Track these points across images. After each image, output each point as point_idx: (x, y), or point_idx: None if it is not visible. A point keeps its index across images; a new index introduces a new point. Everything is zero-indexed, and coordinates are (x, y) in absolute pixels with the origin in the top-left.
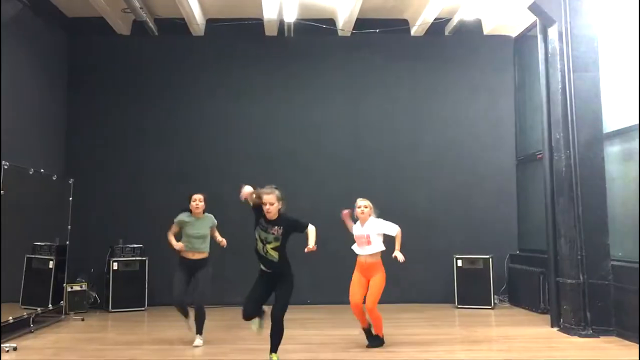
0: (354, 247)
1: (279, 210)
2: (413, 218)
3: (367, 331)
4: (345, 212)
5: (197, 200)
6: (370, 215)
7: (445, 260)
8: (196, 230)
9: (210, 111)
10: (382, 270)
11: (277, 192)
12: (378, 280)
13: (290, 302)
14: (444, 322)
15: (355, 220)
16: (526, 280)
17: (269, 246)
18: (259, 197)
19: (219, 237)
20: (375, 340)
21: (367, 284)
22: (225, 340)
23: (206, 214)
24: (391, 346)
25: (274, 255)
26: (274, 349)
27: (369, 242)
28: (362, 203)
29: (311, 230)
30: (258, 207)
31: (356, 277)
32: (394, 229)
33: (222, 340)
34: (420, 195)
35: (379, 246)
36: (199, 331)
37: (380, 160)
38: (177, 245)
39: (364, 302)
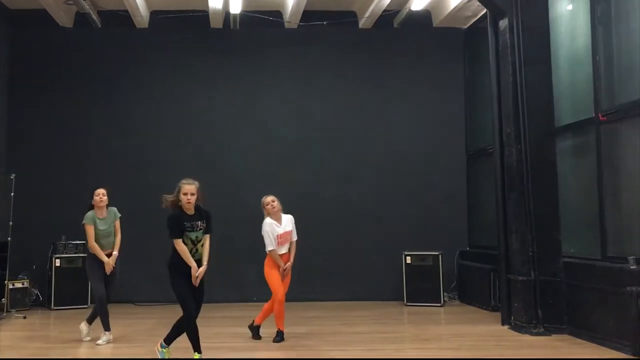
0: (277, 248)
1: (195, 202)
2: (361, 214)
3: (257, 328)
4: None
5: (101, 194)
6: (280, 210)
7: (394, 257)
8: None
9: (154, 104)
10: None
11: (196, 183)
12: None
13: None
14: (393, 320)
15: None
16: (476, 277)
17: (199, 244)
18: (178, 191)
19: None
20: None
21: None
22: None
23: (110, 208)
24: (339, 344)
25: (200, 251)
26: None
27: (288, 240)
28: (270, 198)
29: (207, 239)
30: (176, 215)
31: (278, 275)
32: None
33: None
34: (367, 191)
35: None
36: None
37: (326, 154)
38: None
39: None
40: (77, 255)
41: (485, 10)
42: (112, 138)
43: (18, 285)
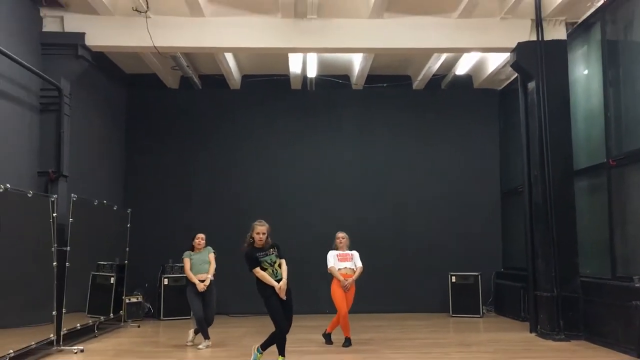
0: (337, 263)
1: (267, 239)
2: (415, 242)
3: (329, 335)
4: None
5: (200, 238)
6: (347, 246)
7: (442, 277)
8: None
9: (244, 153)
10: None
11: (267, 225)
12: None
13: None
14: (441, 329)
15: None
16: (509, 293)
17: (276, 265)
18: (252, 230)
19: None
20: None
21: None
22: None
23: (206, 247)
24: (397, 349)
25: (279, 271)
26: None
27: (347, 259)
28: (342, 235)
29: (283, 262)
30: (248, 250)
31: (342, 292)
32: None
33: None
34: (421, 224)
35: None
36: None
37: (386, 192)
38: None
39: None
40: (181, 275)
41: (516, 75)
42: (209, 181)
43: (133, 299)
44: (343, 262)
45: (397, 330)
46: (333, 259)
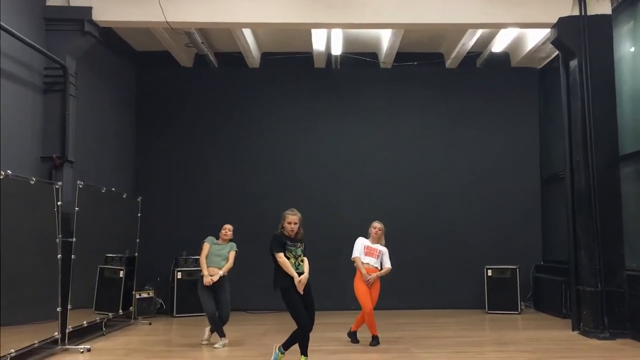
0: (362, 257)
1: (298, 229)
2: (449, 233)
3: (354, 333)
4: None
5: (227, 229)
6: (380, 238)
7: (476, 270)
8: (218, 251)
9: (264, 137)
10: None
11: (299, 214)
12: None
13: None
14: (475, 326)
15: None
16: (549, 288)
17: (299, 259)
18: (283, 219)
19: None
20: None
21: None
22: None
23: (231, 242)
24: (428, 348)
25: (302, 265)
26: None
27: (374, 255)
28: (379, 226)
29: (307, 260)
30: (279, 234)
31: (365, 288)
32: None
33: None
34: (455, 213)
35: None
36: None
37: (418, 179)
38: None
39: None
40: (196, 268)
41: (557, 52)
42: (226, 166)
43: (144, 295)
44: (368, 256)
45: (428, 327)
46: (359, 249)
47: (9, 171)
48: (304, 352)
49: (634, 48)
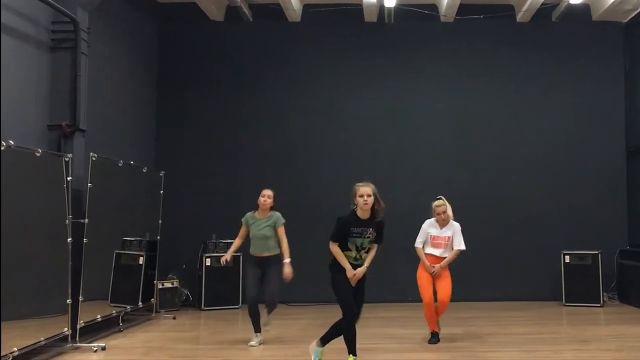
0: (429, 248)
1: (373, 206)
2: (516, 213)
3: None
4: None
5: (266, 197)
6: (448, 219)
7: (552, 256)
8: (259, 231)
9: (306, 102)
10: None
11: (372, 185)
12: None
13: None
14: (550, 321)
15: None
16: (637, 276)
17: (363, 251)
18: (354, 194)
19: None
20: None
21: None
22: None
23: (273, 211)
24: (495, 346)
25: (364, 257)
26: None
27: (443, 245)
28: (441, 208)
29: (374, 248)
30: (345, 220)
31: (427, 277)
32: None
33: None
34: (527, 190)
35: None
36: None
37: (483, 152)
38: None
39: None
40: None
41: None
42: (262, 134)
43: (167, 285)
44: (436, 247)
45: (495, 323)
46: (423, 239)
47: (11, 141)
48: (351, 351)
49: None
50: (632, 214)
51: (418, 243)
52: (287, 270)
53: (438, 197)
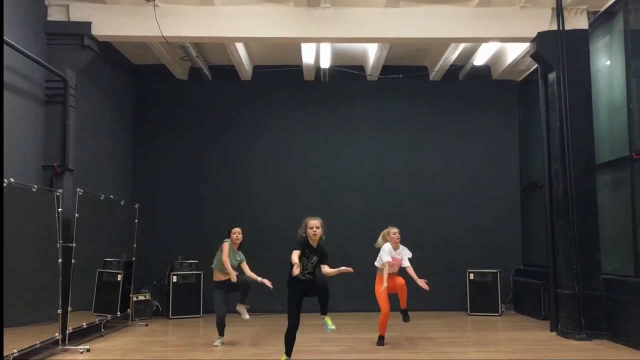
0: (386, 272)
1: (320, 237)
2: (432, 238)
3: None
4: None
5: (237, 233)
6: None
7: (459, 274)
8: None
9: (257, 146)
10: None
11: (320, 218)
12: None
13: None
14: (458, 327)
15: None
16: (529, 290)
17: (306, 271)
18: (305, 225)
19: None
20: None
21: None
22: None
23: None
24: (414, 347)
25: (309, 277)
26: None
27: (397, 266)
28: (396, 231)
29: (325, 266)
30: (304, 239)
31: (385, 291)
32: (408, 261)
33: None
34: (438, 218)
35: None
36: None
37: (403, 188)
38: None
39: None
40: (191, 272)
41: (536, 65)
42: (220, 175)
43: (141, 297)
44: (392, 267)
45: (413, 329)
46: (384, 260)
47: (12, 179)
48: (288, 352)
49: (609, 61)
50: (525, 239)
51: (378, 263)
52: (265, 280)
53: (390, 225)
